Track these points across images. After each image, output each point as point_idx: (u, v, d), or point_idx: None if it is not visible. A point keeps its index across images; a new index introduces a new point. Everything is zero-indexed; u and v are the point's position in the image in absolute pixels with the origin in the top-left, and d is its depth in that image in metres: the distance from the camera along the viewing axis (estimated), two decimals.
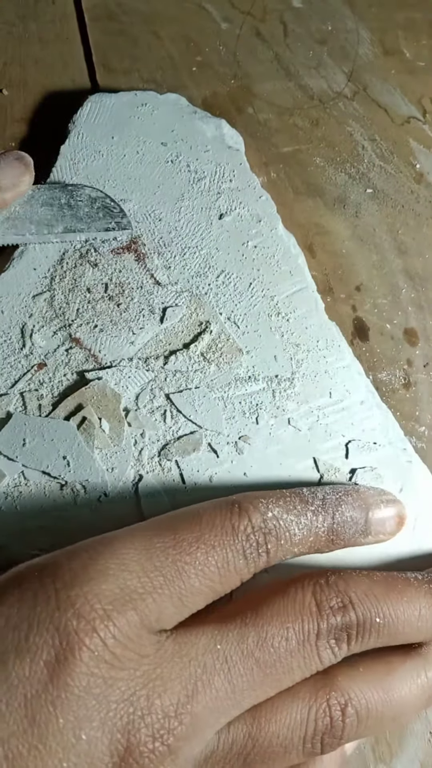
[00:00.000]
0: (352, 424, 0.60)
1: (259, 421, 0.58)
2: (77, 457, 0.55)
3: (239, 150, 0.69)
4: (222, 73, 0.78)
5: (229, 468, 0.57)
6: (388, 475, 0.58)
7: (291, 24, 0.82)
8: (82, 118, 0.68)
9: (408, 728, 0.56)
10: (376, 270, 0.71)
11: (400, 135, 0.78)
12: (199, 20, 0.81)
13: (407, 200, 0.74)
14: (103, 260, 0.62)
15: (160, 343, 0.60)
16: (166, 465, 0.56)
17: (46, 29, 0.77)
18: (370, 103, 0.79)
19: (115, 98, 0.69)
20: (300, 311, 0.63)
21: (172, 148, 0.67)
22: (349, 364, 0.62)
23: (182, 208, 0.65)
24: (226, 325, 0.61)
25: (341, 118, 0.78)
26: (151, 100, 0.70)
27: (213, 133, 0.69)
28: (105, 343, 0.59)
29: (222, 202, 0.66)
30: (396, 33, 0.84)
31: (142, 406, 0.57)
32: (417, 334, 0.68)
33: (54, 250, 0.62)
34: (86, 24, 0.78)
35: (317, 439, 0.59)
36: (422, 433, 0.65)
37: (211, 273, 0.63)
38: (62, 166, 0.65)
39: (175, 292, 0.61)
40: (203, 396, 0.58)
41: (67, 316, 0.59)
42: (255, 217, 0.66)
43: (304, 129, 0.77)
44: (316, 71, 0.80)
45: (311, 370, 0.61)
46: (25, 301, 0.60)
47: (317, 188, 0.74)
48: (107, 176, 0.65)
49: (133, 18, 0.79)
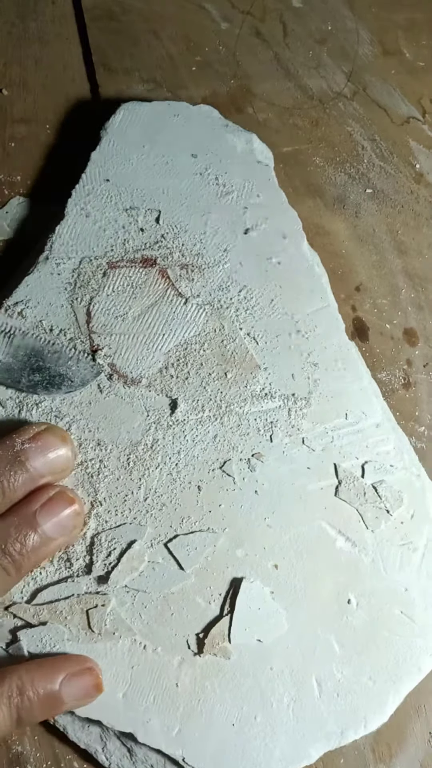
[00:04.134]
0: (366, 446, 0.59)
1: (273, 438, 0.58)
2: None
3: (268, 165, 0.69)
4: (222, 73, 0.78)
5: (240, 485, 0.56)
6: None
7: (291, 24, 0.82)
8: (114, 125, 0.67)
9: (408, 728, 0.56)
10: (375, 270, 0.71)
11: (399, 135, 0.78)
12: (198, 20, 0.81)
13: (407, 200, 0.74)
14: (126, 269, 0.62)
15: (180, 357, 0.60)
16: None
17: (46, 29, 0.77)
18: (369, 103, 0.79)
19: (148, 107, 0.68)
20: (320, 330, 0.62)
21: (202, 160, 0.67)
22: (366, 386, 0.61)
23: (208, 221, 0.64)
24: (245, 341, 0.60)
25: (341, 118, 0.78)
26: (183, 111, 0.69)
27: (243, 147, 0.68)
28: (125, 353, 0.59)
29: (248, 216, 0.65)
30: (396, 33, 0.84)
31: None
32: (417, 334, 0.68)
33: (78, 256, 0.61)
34: (86, 24, 0.78)
35: (331, 460, 0.58)
36: (422, 433, 0.65)
37: (234, 287, 0.62)
38: (92, 172, 0.65)
39: (197, 305, 0.61)
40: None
41: (87, 323, 0.59)
42: (280, 233, 0.65)
43: (303, 129, 0.77)
44: (315, 71, 0.80)
45: (328, 390, 0.60)
46: (49, 304, 0.60)
47: (317, 188, 0.74)
48: (135, 185, 0.65)
49: (132, 18, 0.79)
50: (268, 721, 0.51)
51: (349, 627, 0.53)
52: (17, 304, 0.58)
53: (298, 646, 0.52)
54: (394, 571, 0.54)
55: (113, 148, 0.65)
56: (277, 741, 0.50)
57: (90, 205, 0.62)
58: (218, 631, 0.51)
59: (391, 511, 0.55)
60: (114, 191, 0.63)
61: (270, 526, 0.54)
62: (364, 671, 0.52)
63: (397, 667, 0.52)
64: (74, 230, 0.61)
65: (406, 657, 0.53)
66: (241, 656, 0.52)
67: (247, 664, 0.51)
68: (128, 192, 0.63)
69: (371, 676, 0.52)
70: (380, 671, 0.52)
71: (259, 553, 0.54)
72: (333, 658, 0.52)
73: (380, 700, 0.52)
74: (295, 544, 0.54)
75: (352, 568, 0.54)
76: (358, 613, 0.53)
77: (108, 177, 0.64)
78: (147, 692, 0.51)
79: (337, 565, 0.54)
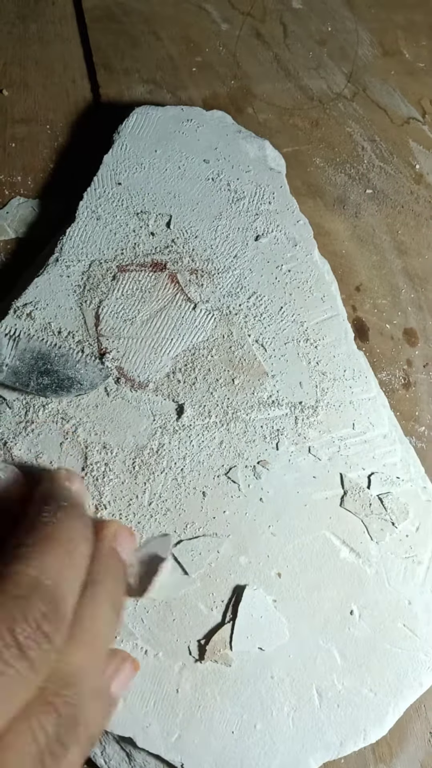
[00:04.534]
0: (373, 457, 0.59)
1: (279, 446, 0.58)
2: None
3: (281, 172, 0.69)
4: (222, 73, 0.78)
5: (245, 492, 0.56)
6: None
7: (291, 25, 0.82)
8: (127, 129, 0.67)
9: (408, 728, 0.57)
10: (375, 270, 0.71)
11: (399, 136, 0.78)
12: (199, 21, 0.80)
13: (407, 200, 0.74)
14: (135, 273, 0.61)
15: (188, 362, 0.60)
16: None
17: (46, 29, 0.77)
18: (369, 104, 0.79)
19: (161, 111, 0.68)
20: (329, 339, 0.62)
21: (214, 165, 0.66)
22: (375, 396, 0.61)
23: (219, 226, 0.64)
24: (253, 347, 0.60)
25: (341, 118, 0.78)
26: (196, 116, 0.69)
27: (256, 154, 0.68)
28: (133, 357, 0.59)
29: (259, 223, 0.65)
30: (396, 34, 0.84)
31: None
32: (417, 334, 0.68)
33: (88, 259, 0.61)
34: (86, 24, 0.77)
35: (337, 470, 0.58)
36: (422, 433, 0.65)
37: (243, 294, 0.62)
38: (104, 175, 0.64)
39: (206, 310, 0.61)
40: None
41: (96, 326, 0.59)
42: (291, 241, 0.65)
43: (304, 129, 0.77)
44: (315, 72, 0.80)
45: (336, 399, 0.60)
46: (58, 306, 0.59)
47: (317, 188, 0.74)
48: (147, 189, 0.64)
49: (133, 18, 0.79)
50: (268, 730, 0.51)
51: (351, 638, 0.53)
52: (26, 305, 0.58)
53: (299, 655, 0.52)
54: (398, 584, 0.55)
55: (126, 152, 0.64)
56: (276, 750, 0.51)
57: (101, 208, 0.62)
58: (220, 638, 0.51)
59: (396, 524, 0.55)
60: (125, 195, 0.63)
61: (274, 534, 0.54)
62: (365, 683, 0.52)
63: (398, 680, 0.52)
64: (85, 233, 0.61)
65: (408, 671, 0.53)
66: (242, 664, 0.52)
67: (248, 672, 0.52)
68: (140, 196, 0.63)
69: (372, 688, 0.52)
70: (381, 684, 0.52)
71: (262, 560, 0.54)
72: (334, 668, 0.52)
73: (380, 713, 0.52)
74: (298, 553, 0.54)
75: (355, 579, 0.54)
76: (360, 624, 0.53)
77: (120, 180, 0.63)
78: (147, 697, 0.51)
79: (340, 576, 0.54)
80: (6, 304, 0.59)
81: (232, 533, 0.54)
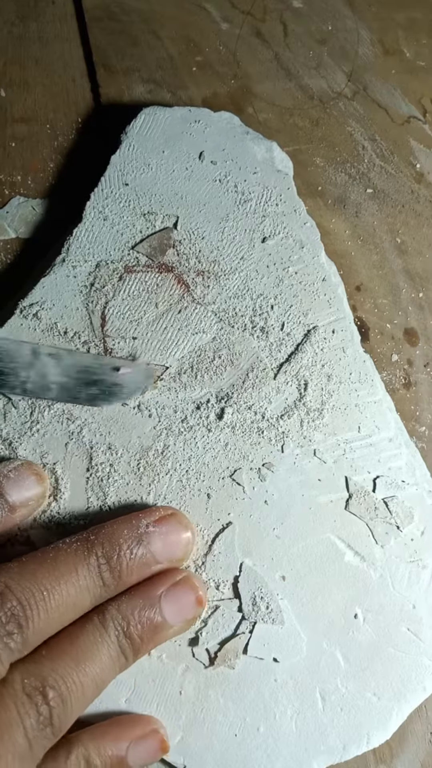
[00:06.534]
0: (378, 461, 0.59)
1: (285, 449, 0.58)
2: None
3: (288, 174, 0.68)
4: (222, 73, 0.78)
5: (250, 494, 0.56)
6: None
7: (291, 24, 0.82)
8: (135, 129, 0.66)
9: (408, 728, 0.57)
10: (376, 270, 0.71)
11: (400, 135, 0.78)
12: (199, 20, 0.80)
13: (407, 200, 0.74)
14: (142, 274, 0.61)
15: (193, 363, 0.59)
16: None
17: (46, 29, 0.76)
18: (370, 103, 0.79)
19: (169, 112, 0.68)
20: (335, 341, 0.62)
21: (222, 167, 0.66)
22: (381, 399, 0.61)
23: (226, 228, 0.64)
24: (259, 350, 0.60)
25: (341, 118, 0.77)
26: (204, 117, 0.68)
27: (263, 155, 0.68)
28: (138, 358, 0.58)
29: (266, 225, 0.64)
30: (396, 33, 0.84)
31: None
32: (417, 334, 0.68)
33: (95, 259, 0.61)
34: (86, 24, 0.77)
35: (342, 473, 0.58)
36: (422, 433, 0.65)
37: (249, 296, 0.62)
38: (111, 176, 0.64)
39: (212, 312, 0.61)
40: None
41: (102, 327, 0.59)
42: (298, 243, 0.64)
43: (304, 129, 0.76)
44: (316, 71, 0.80)
45: (342, 402, 0.60)
46: (64, 306, 0.59)
47: (317, 188, 0.73)
48: (154, 190, 0.64)
49: (133, 18, 0.78)
50: (271, 733, 0.51)
51: (355, 642, 0.53)
52: (33, 305, 0.58)
53: (303, 658, 0.52)
54: (402, 588, 0.55)
55: (133, 153, 0.64)
56: (279, 753, 0.51)
57: (108, 208, 0.62)
58: (232, 647, 0.51)
59: (401, 527, 0.55)
60: (132, 195, 0.62)
61: (278, 536, 0.55)
62: (369, 687, 0.52)
63: (402, 684, 0.53)
64: (92, 233, 0.61)
65: (412, 675, 0.53)
66: (246, 667, 0.52)
67: (252, 675, 0.52)
68: (147, 197, 0.63)
69: (376, 692, 0.52)
70: (385, 688, 0.52)
71: (266, 563, 0.54)
72: (338, 672, 0.52)
73: (384, 717, 0.52)
74: (303, 556, 0.54)
75: (360, 583, 0.54)
76: (364, 628, 0.53)
77: (127, 181, 0.63)
78: (150, 699, 0.51)
79: (345, 579, 0.54)
80: (12, 303, 0.59)
81: (236, 536, 0.54)
